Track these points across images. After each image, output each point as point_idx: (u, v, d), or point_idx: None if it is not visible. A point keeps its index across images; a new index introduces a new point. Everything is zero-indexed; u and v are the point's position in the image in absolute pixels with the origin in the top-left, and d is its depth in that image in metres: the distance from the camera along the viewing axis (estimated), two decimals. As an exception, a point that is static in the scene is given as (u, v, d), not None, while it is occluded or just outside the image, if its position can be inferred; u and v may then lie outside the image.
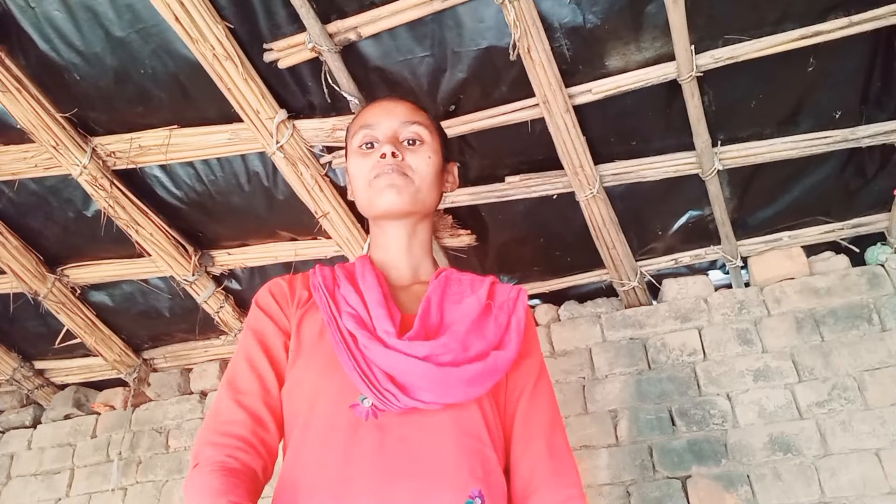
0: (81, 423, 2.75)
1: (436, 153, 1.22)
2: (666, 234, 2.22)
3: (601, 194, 2.00)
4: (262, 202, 2.10)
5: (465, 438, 1.01)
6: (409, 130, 1.20)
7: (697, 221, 2.18)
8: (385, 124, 1.20)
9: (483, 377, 1.03)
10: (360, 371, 1.00)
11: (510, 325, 1.11)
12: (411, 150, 1.19)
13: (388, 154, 1.15)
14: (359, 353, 1.02)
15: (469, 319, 1.08)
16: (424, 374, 0.99)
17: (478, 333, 1.07)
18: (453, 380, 0.99)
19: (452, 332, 1.05)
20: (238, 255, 2.32)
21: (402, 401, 0.98)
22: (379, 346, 1.01)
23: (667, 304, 2.29)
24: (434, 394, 0.99)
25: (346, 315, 1.06)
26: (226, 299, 2.43)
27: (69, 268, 2.35)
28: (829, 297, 2.15)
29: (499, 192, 2.05)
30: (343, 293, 1.11)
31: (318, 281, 1.14)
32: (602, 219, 2.07)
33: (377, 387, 0.99)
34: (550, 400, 1.15)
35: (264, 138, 1.86)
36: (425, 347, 1.01)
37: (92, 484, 2.60)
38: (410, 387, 0.99)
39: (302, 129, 1.88)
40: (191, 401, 2.66)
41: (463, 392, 1.01)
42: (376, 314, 1.06)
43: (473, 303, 1.11)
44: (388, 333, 1.03)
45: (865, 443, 1.94)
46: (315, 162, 1.96)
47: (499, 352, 1.06)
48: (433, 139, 1.23)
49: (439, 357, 1.00)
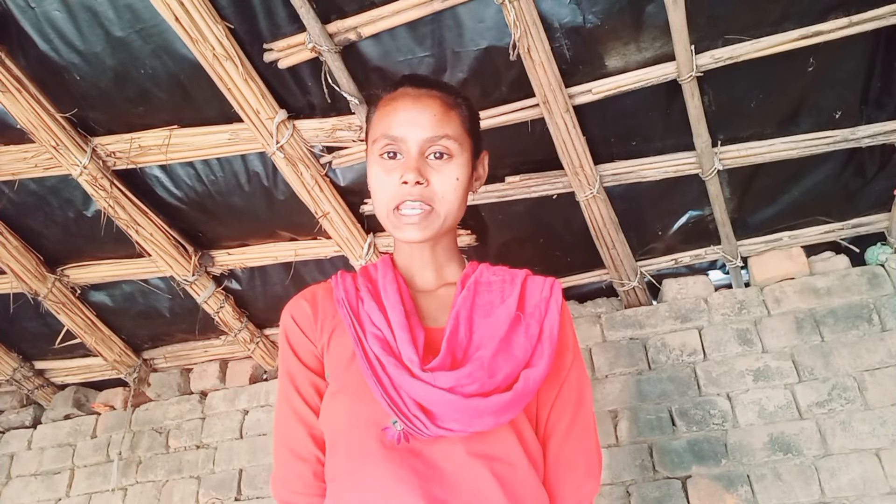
0: (81, 423, 2.75)
1: (464, 167, 1.12)
2: (666, 234, 2.22)
3: (601, 194, 2.00)
4: (262, 202, 2.10)
5: (498, 463, 0.99)
6: (437, 145, 1.09)
7: (697, 221, 2.18)
8: (410, 138, 1.08)
9: (513, 405, 1.00)
10: (388, 398, 0.98)
11: (542, 335, 1.07)
12: (438, 169, 1.09)
13: (410, 182, 1.06)
14: (387, 378, 1.00)
15: (497, 339, 1.04)
16: (451, 405, 0.97)
17: (506, 354, 1.03)
18: (481, 411, 0.97)
19: (477, 359, 1.01)
20: (238, 256, 2.32)
21: (431, 430, 0.97)
22: (406, 374, 0.99)
23: (667, 304, 2.29)
24: (461, 423, 0.97)
25: (372, 337, 1.04)
26: (226, 299, 2.43)
27: (69, 268, 2.35)
28: (829, 297, 2.15)
29: (499, 192, 2.05)
30: (367, 310, 1.08)
31: (342, 296, 1.10)
32: (602, 219, 2.07)
33: (406, 414, 0.98)
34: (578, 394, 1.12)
35: (264, 138, 1.86)
36: (450, 378, 0.98)
37: (92, 484, 2.60)
38: (439, 416, 0.98)
39: (302, 129, 1.88)
40: (191, 401, 2.66)
41: (492, 421, 0.99)
42: (401, 338, 1.03)
43: (503, 315, 1.07)
44: (413, 363, 1.00)
45: (865, 443, 1.94)
46: (315, 162, 1.96)
47: (529, 370, 1.03)
48: (463, 149, 1.12)
49: (465, 388, 0.97)
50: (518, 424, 1.03)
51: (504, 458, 1.00)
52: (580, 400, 1.12)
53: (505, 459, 1.00)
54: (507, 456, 1.00)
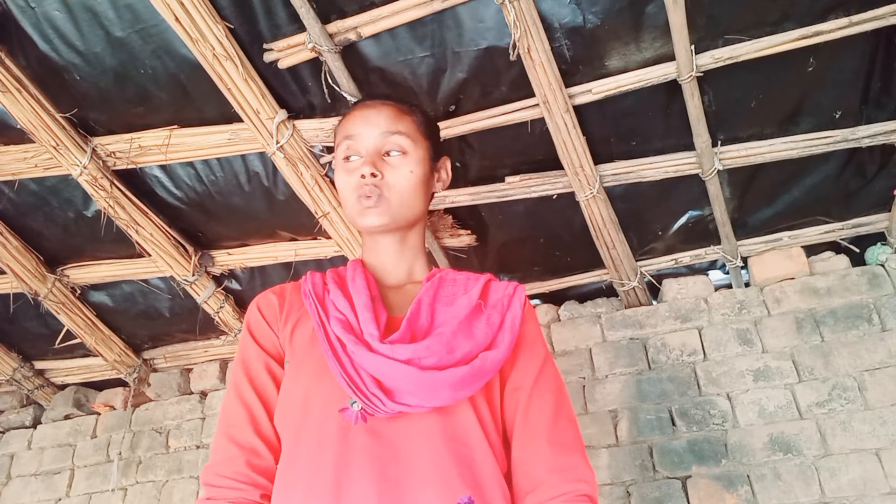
0: (81, 423, 2.75)
1: (420, 163, 1.19)
2: (666, 234, 2.22)
3: (601, 194, 2.00)
4: (262, 202, 2.10)
5: (456, 443, 1.00)
6: (390, 141, 1.17)
7: (697, 221, 2.18)
8: (366, 136, 1.17)
9: (470, 380, 1.01)
10: (347, 376, 1.00)
11: (503, 324, 1.10)
12: (392, 165, 1.16)
13: (367, 175, 1.14)
14: (346, 358, 1.02)
15: (457, 321, 1.07)
16: (407, 378, 0.99)
17: (466, 334, 1.06)
18: (438, 383, 0.99)
19: (437, 335, 1.04)
20: (238, 256, 2.32)
21: (388, 406, 0.98)
22: (364, 349, 1.01)
23: (667, 304, 2.29)
24: (418, 397, 0.99)
25: (335, 320, 1.06)
26: (226, 299, 2.43)
27: (69, 268, 2.35)
28: (829, 297, 2.15)
29: (499, 193, 2.05)
30: (332, 298, 1.11)
31: (309, 288, 1.14)
32: (602, 219, 2.07)
33: (364, 391, 0.99)
34: (555, 393, 1.11)
35: (264, 138, 1.86)
36: (408, 350, 1.00)
37: (92, 484, 2.60)
38: (396, 391, 0.99)
39: (302, 129, 1.88)
40: (191, 401, 2.66)
41: (449, 395, 1.00)
42: (363, 318, 1.06)
43: (464, 303, 1.10)
44: (373, 336, 1.03)
45: (865, 443, 1.94)
46: (315, 162, 1.96)
47: (488, 352, 1.05)
48: (417, 146, 1.19)
49: (422, 360, 1.00)
50: (479, 408, 1.04)
51: (463, 438, 1.01)
52: (560, 390, 1.12)
53: (463, 440, 1.01)
54: (466, 437, 1.01)
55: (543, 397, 1.09)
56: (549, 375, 1.13)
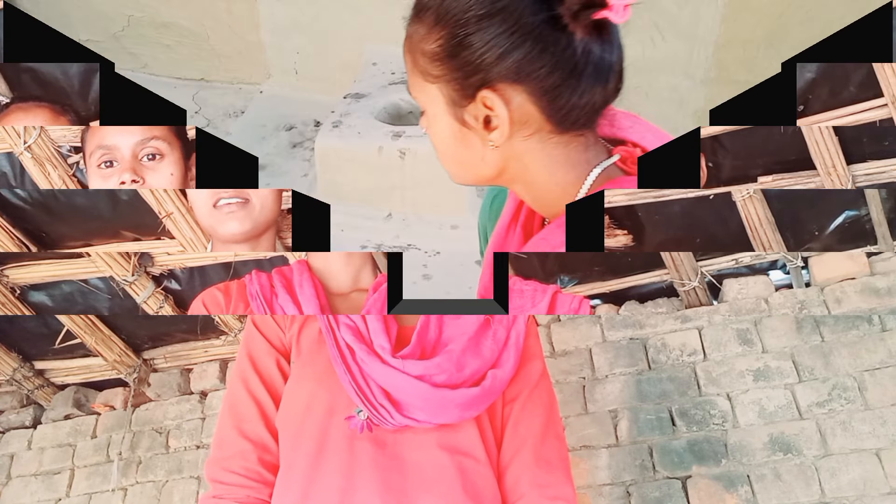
0: (81, 424, 2.75)
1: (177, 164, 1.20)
2: (822, 235, 2.17)
3: (757, 194, 1.98)
4: (105, 202, 2.03)
5: (460, 457, 1.00)
6: (148, 146, 1.19)
7: (854, 221, 2.12)
8: (121, 145, 1.20)
9: (479, 401, 1.02)
10: (356, 385, 1.00)
11: (508, 341, 1.10)
12: (151, 168, 1.18)
13: (127, 182, 1.15)
14: (356, 366, 1.02)
15: (466, 337, 1.07)
16: (418, 393, 0.99)
17: (474, 352, 1.06)
18: (448, 402, 0.99)
19: (448, 352, 1.04)
20: (177, 256, 2.26)
21: (396, 418, 0.98)
22: (376, 361, 1.01)
23: (727, 305, 2.25)
24: (426, 413, 0.99)
25: (344, 326, 1.05)
26: (165, 299, 2.41)
27: (9, 268, 2.30)
28: (889, 297, 2.12)
29: (655, 192, 2.01)
30: (281, 303, 1.10)
31: (256, 289, 1.13)
32: (759, 219, 2.03)
33: (372, 402, 0.99)
34: (546, 409, 1.12)
35: (12, 139, 1.81)
36: (419, 367, 1.00)
37: (92, 484, 2.60)
38: (405, 405, 1.00)
39: (50, 129, 1.84)
40: (191, 401, 2.66)
41: (457, 414, 1.01)
42: (373, 327, 1.05)
43: (472, 318, 1.10)
44: (385, 350, 1.02)
45: (865, 443, 1.94)
46: (63, 162, 1.89)
47: (496, 370, 1.05)
48: (173, 149, 1.22)
49: (434, 377, 1.00)
50: (482, 423, 1.05)
51: (468, 452, 1.01)
52: (551, 407, 1.13)
53: (469, 453, 1.01)
54: (471, 450, 1.02)
55: (535, 412, 1.10)
56: (543, 391, 1.14)
